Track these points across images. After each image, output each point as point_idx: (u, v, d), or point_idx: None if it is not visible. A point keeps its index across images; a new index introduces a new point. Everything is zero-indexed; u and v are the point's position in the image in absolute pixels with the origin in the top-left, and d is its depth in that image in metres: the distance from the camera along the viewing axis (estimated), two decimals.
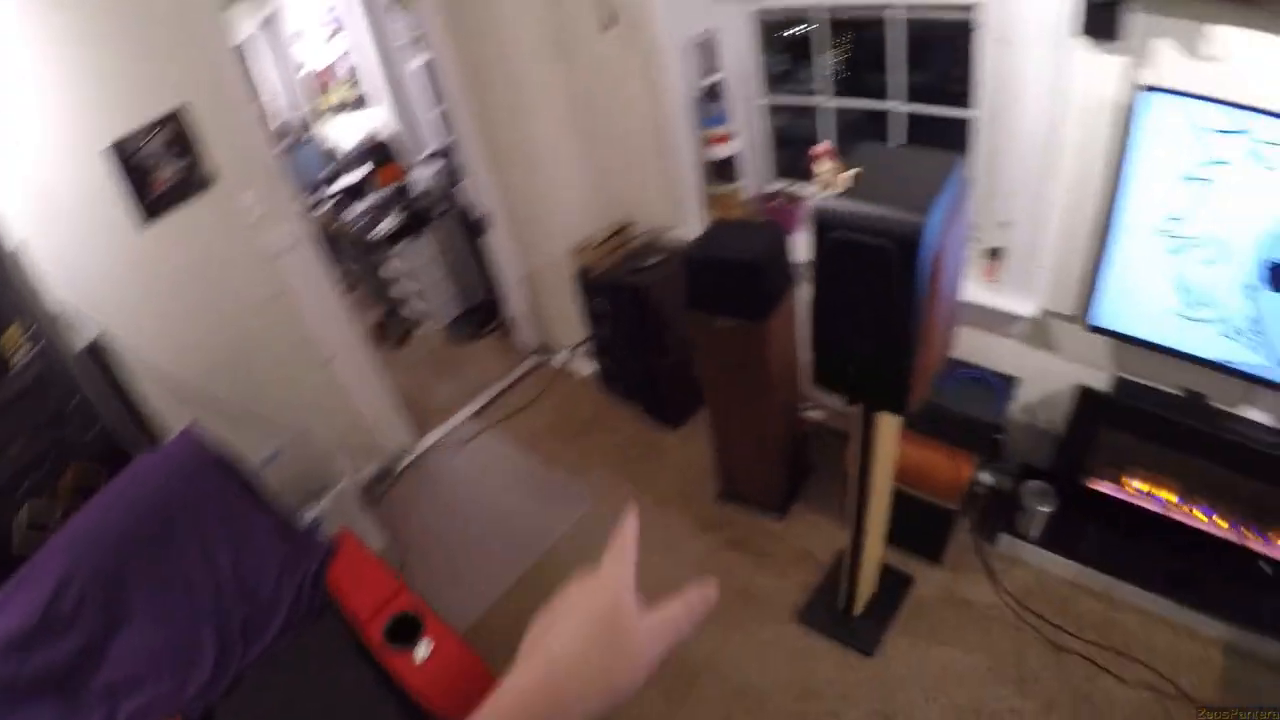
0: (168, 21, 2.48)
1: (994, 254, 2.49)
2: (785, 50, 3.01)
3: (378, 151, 4.79)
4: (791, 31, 2.93)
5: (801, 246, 2.75)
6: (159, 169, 2.55)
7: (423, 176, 4.57)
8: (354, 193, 4.68)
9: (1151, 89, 1.90)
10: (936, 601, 2.66)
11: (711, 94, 2.92)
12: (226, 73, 2.69)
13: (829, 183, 1.60)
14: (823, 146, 1.70)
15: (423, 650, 2.11)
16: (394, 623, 2.19)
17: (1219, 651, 2.43)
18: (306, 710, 2.12)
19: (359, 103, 5.09)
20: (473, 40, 3.28)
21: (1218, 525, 2.46)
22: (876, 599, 2.60)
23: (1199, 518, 2.49)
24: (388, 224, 4.29)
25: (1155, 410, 2.35)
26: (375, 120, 5.07)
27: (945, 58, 2.54)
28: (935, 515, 2.59)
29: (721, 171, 3.08)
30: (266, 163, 2.88)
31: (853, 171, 1.59)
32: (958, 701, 2.38)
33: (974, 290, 2.51)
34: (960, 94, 2.48)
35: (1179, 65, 1.89)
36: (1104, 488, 2.62)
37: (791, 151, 3.17)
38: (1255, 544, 2.40)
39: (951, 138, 2.53)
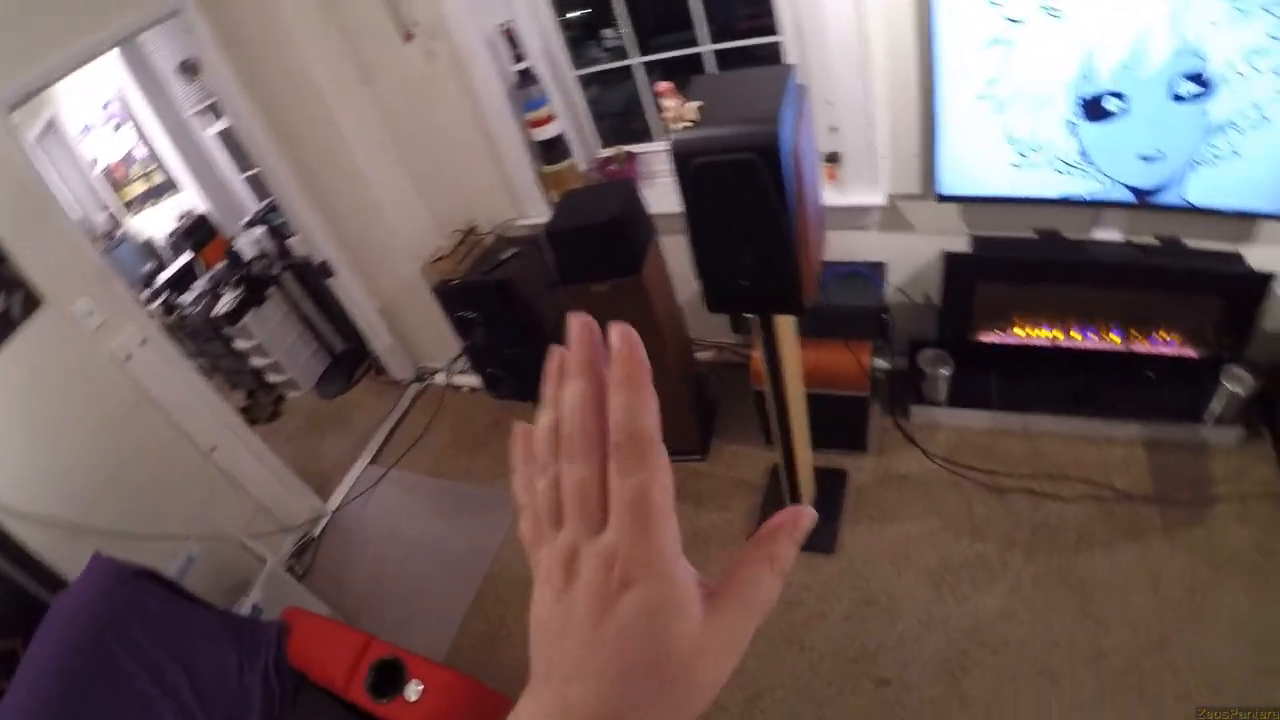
0: None
1: (832, 158, 2.72)
2: (578, 29, 3.17)
3: (196, 231, 4.62)
4: (579, 11, 3.11)
5: (653, 197, 2.89)
6: None
7: (249, 243, 4.44)
8: (184, 279, 4.50)
9: None
10: (875, 485, 2.90)
11: (525, 79, 3.01)
12: (27, 187, 2.56)
13: (678, 117, 1.71)
14: (665, 85, 1.83)
15: (413, 691, 2.11)
16: (374, 675, 2.17)
17: (1139, 448, 2.79)
18: None
19: (163, 188, 4.89)
20: (270, 90, 3.24)
21: (1103, 340, 2.81)
22: (820, 501, 2.79)
23: (1081, 339, 2.83)
24: (227, 300, 4.16)
25: (1016, 255, 2.66)
26: (184, 202, 4.89)
27: None
28: (849, 406, 2.81)
29: (552, 151, 3.17)
30: (92, 267, 2.76)
31: (695, 103, 1.72)
32: (926, 565, 2.62)
33: (825, 195, 2.72)
34: (765, 25, 2.69)
35: None
36: (992, 338, 2.93)
37: (615, 120, 3.34)
38: (1139, 345, 2.78)
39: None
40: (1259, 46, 2.01)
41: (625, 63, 3.05)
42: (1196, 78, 2.11)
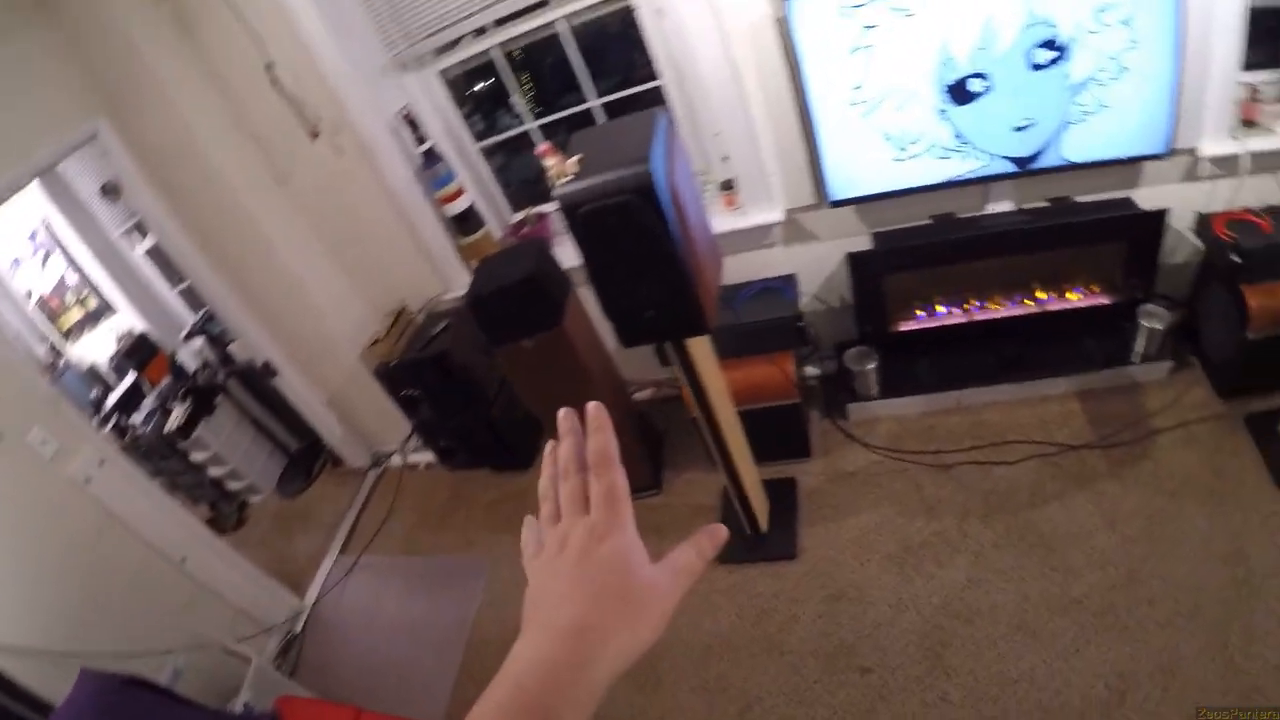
0: None
1: (727, 185, 2.95)
2: (484, 102, 3.42)
3: (137, 351, 4.74)
4: (480, 86, 3.37)
5: (566, 253, 3.09)
6: None
7: (190, 354, 4.57)
8: (132, 400, 4.60)
9: None
10: (825, 486, 3.07)
11: (431, 158, 3.21)
12: None
13: (559, 173, 1.91)
14: (543, 147, 2.03)
15: None
16: None
17: (1074, 400, 3.02)
18: None
19: (99, 312, 5.01)
20: (191, 202, 3.40)
21: (1020, 306, 3.05)
22: (774, 511, 2.95)
23: (998, 308, 3.08)
24: (177, 415, 4.26)
25: (914, 243, 2.89)
26: (122, 323, 5.01)
27: (623, 47, 3.01)
28: (785, 416, 2.99)
29: (466, 223, 3.38)
30: (40, 395, 2.86)
31: (575, 157, 1.92)
32: (887, 551, 2.78)
33: (726, 221, 2.97)
34: (648, 72, 2.94)
35: None
36: (911, 326, 3.15)
37: (527, 185, 3.59)
38: (1051, 304, 3.02)
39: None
40: (1104, 3, 2.28)
41: (523, 128, 3.28)
42: (1050, 44, 2.37)
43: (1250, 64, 2.53)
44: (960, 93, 2.50)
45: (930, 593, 2.61)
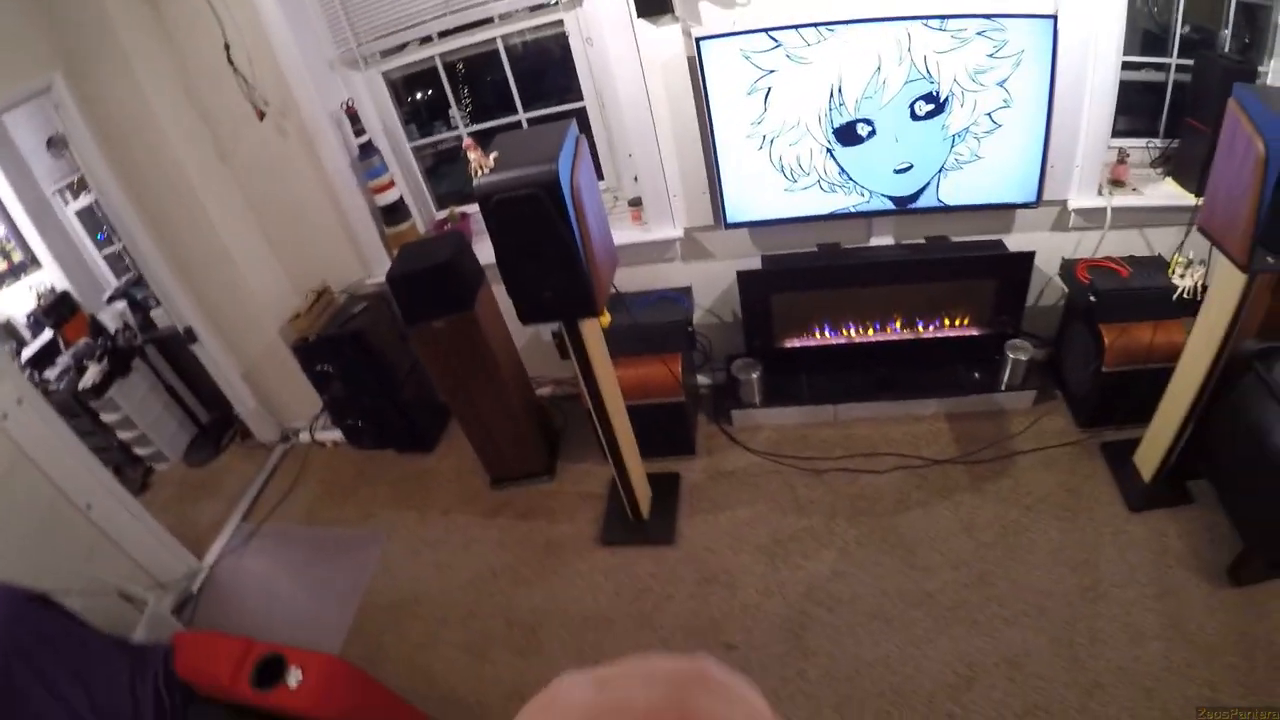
0: None
1: (635, 203, 3.39)
2: (422, 109, 3.80)
3: (57, 309, 4.88)
4: (421, 95, 3.76)
5: (484, 252, 3.42)
6: None
7: (111, 316, 4.77)
8: (46, 356, 4.74)
9: (704, 38, 2.83)
10: (706, 482, 3.47)
11: (367, 151, 3.56)
12: None
13: (479, 166, 2.27)
14: (468, 141, 2.38)
15: (293, 678, 2.41)
16: (257, 671, 2.46)
17: (941, 421, 3.46)
18: None
19: (21, 267, 5.14)
20: (134, 165, 3.66)
21: (894, 331, 3.52)
22: (657, 502, 3.34)
23: (876, 333, 3.54)
24: (92, 373, 4.44)
25: (798, 267, 3.33)
26: (44, 279, 5.16)
27: (556, 70, 3.40)
28: (670, 413, 3.39)
29: (393, 214, 3.74)
30: None
31: (494, 154, 2.30)
32: (759, 542, 3.15)
33: (631, 234, 3.43)
34: (576, 95, 3.36)
35: (719, 16, 2.87)
36: (795, 343, 3.60)
37: (456, 190, 3.98)
38: (927, 333, 3.49)
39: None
40: (981, 66, 2.74)
41: (456, 133, 3.67)
42: (931, 98, 2.82)
43: (1119, 131, 3.03)
44: (847, 135, 2.95)
45: (796, 581, 2.95)
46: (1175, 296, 2.87)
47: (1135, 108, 3.07)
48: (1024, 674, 2.47)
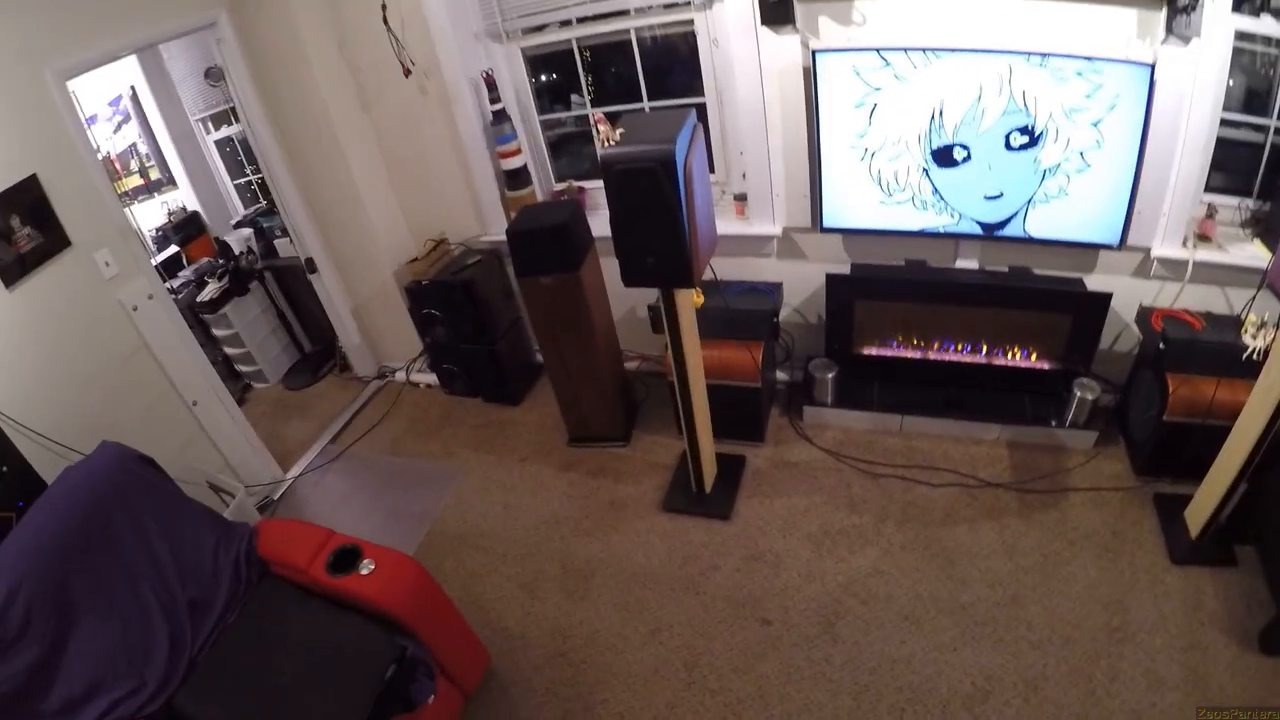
0: (12, 94, 2.90)
1: (740, 197, 3.70)
2: (553, 89, 4.15)
3: (185, 227, 5.37)
4: (549, 75, 4.11)
5: (597, 223, 3.77)
6: (16, 235, 2.89)
7: (237, 240, 5.25)
8: (170, 268, 5.22)
9: (820, 51, 3.10)
10: (769, 469, 3.73)
11: (499, 117, 3.92)
12: (72, 142, 3.15)
13: (606, 138, 2.59)
14: (599, 115, 2.71)
15: (365, 568, 2.66)
16: (335, 557, 2.71)
17: (1002, 446, 3.62)
18: (270, 666, 2.47)
19: (157, 185, 5.64)
20: (282, 104, 4.11)
21: (967, 353, 3.70)
22: (720, 479, 3.62)
23: (950, 352, 3.73)
24: (211, 289, 4.91)
25: (885, 276, 3.57)
26: (176, 198, 5.66)
27: (678, 64, 3.70)
28: (745, 397, 3.66)
29: (516, 179, 4.09)
30: (116, 222, 3.38)
31: (620, 130, 2.61)
32: (808, 531, 3.37)
33: (733, 226, 3.73)
34: (698, 90, 3.65)
35: (836, 32, 3.14)
36: (873, 351, 3.84)
37: (567, 162, 4.34)
38: (999, 359, 3.67)
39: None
40: (1076, 105, 2.90)
41: (582, 112, 4.02)
42: (1026, 130, 3.01)
43: (1213, 186, 3.09)
44: (944, 157, 3.17)
45: (838, 572, 3.15)
46: (1245, 356, 2.85)
47: (1233, 165, 3.07)
48: (1039, 697, 2.57)
